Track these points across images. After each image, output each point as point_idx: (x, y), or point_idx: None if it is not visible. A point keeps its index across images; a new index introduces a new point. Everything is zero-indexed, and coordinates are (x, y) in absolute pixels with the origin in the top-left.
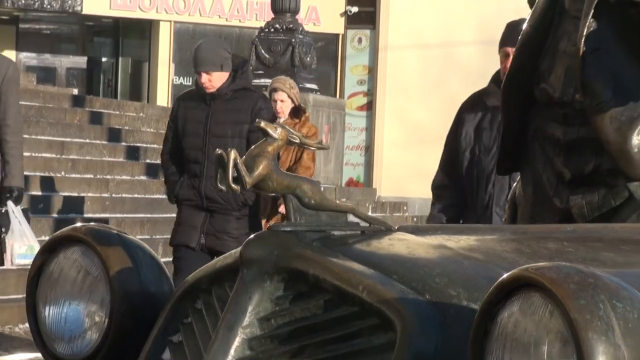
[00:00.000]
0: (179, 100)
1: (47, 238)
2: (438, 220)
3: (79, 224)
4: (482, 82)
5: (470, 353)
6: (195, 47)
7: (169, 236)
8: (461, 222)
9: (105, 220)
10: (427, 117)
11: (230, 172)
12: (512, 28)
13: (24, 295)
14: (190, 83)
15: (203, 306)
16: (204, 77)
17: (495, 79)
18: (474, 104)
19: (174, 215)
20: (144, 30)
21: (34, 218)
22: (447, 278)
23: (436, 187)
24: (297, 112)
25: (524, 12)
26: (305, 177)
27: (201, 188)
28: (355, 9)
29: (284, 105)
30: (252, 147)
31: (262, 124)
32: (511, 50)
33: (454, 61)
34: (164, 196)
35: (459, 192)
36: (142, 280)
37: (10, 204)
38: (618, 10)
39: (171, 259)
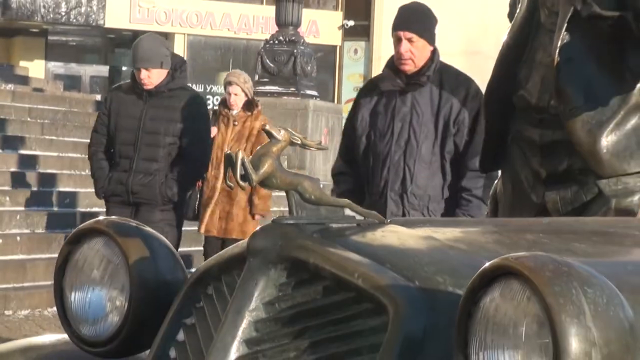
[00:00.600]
0: (111, 93)
1: (72, 230)
2: None
3: (101, 218)
4: None
5: (456, 334)
6: (135, 42)
7: (184, 228)
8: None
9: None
10: None
11: (239, 170)
12: (404, 12)
13: (52, 282)
14: (203, 90)
15: (214, 292)
16: (143, 74)
17: (390, 64)
18: (369, 89)
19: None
20: None
21: (61, 212)
22: (434, 266)
23: (335, 173)
24: (250, 105)
25: (506, 25)
26: (306, 175)
27: (129, 183)
28: (351, 23)
29: (237, 99)
30: (258, 147)
31: (267, 127)
32: (403, 34)
33: None
34: None
35: (356, 178)
36: (159, 268)
37: None
38: (589, 24)
39: (189, 248)
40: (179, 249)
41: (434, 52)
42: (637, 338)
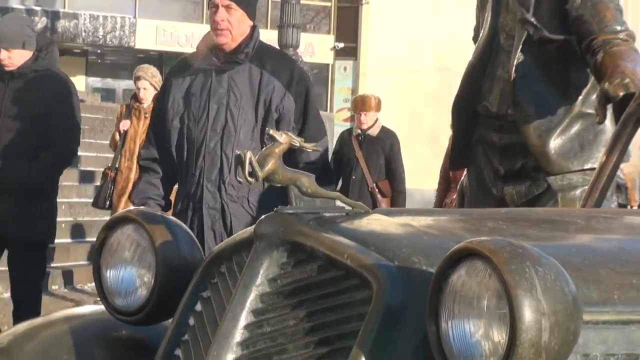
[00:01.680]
0: None
1: (108, 219)
2: (143, 194)
3: (132, 208)
4: (438, 100)
5: (429, 305)
6: None
7: (96, 218)
8: (172, 199)
9: None
10: (395, 127)
11: (247, 168)
12: None
13: (91, 262)
14: None
15: (226, 270)
16: (4, 54)
17: (207, 39)
18: (182, 67)
19: None
20: None
21: None
22: (411, 249)
23: (143, 159)
24: None
25: (471, 46)
26: (304, 172)
27: None
28: (341, 45)
29: (147, 93)
30: (264, 149)
31: (271, 132)
32: (220, 1)
33: (416, 84)
34: None
35: (167, 166)
36: (180, 250)
37: None
38: (540, 46)
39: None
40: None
41: (254, 30)
42: (579, 308)
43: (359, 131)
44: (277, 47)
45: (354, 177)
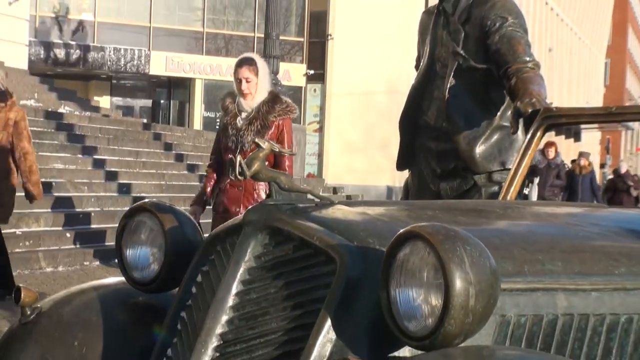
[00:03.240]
0: None
1: (128, 208)
2: None
3: (146, 200)
4: (388, 116)
5: (381, 277)
6: None
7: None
8: None
9: (163, 198)
10: (355, 137)
11: (237, 168)
12: None
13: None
14: (215, 116)
15: (221, 249)
16: None
17: None
18: None
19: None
20: (186, 84)
21: (120, 198)
22: (367, 232)
23: None
24: (3, 95)
25: (415, 73)
26: (283, 172)
27: None
28: (311, 71)
29: None
30: (251, 153)
31: (257, 140)
32: None
33: (371, 104)
34: (197, 183)
35: None
36: (184, 233)
37: None
38: (468, 73)
39: (201, 221)
40: None
41: None
42: (498, 279)
43: None
44: None
45: None
